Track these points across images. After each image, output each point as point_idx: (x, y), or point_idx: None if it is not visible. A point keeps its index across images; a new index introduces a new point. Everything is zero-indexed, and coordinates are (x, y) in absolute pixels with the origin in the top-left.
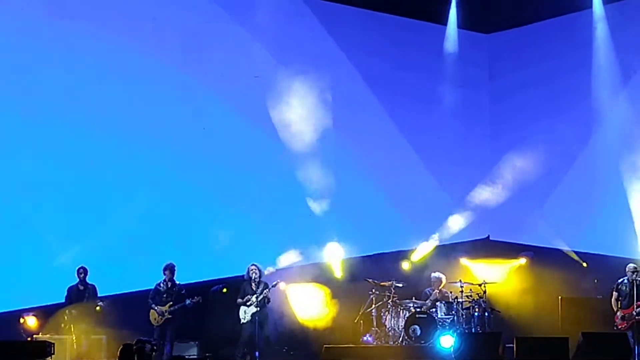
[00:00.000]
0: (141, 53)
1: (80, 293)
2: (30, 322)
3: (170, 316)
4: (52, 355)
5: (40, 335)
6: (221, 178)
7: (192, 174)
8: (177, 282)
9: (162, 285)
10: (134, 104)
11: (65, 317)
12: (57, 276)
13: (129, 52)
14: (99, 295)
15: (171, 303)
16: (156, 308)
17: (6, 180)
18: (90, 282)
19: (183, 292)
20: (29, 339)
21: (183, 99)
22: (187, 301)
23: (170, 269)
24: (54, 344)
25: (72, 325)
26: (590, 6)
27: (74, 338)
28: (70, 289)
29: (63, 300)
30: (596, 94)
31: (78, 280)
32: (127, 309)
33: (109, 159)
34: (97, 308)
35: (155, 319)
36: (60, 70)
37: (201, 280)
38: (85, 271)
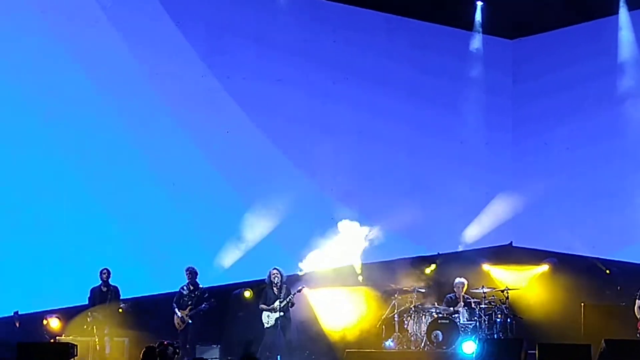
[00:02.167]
0: (161, 56)
1: (103, 295)
2: (54, 323)
3: (190, 320)
4: (75, 357)
5: (63, 337)
6: (243, 181)
7: (215, 178)
8: (201, 286)
9: (185, 288)
10: (156, 110)
11: (88, 319)
12: (80, 278)
13: (148, 59)
14: (121, 297)
15: (191, 307)
16: (178, 313)
17: (28, 183)
18: (113, 284)
19: (206, 295)
20: (52, 340)
21: (204, 103)
22: (203, 305)
23: (191, 272)
24: (77, 345)
25: (94, 327)
26: (616, 12)
27: (96, 340)
28: (93, 291)
29: (86, 302)
30: (621, 100)
31: (101, 281)
32: (149, 312)
33: (133, 162)
34: (119, 310)
35: (178, 323)
36: (82, 76)
37: (223, 283)
38: (108, 272)
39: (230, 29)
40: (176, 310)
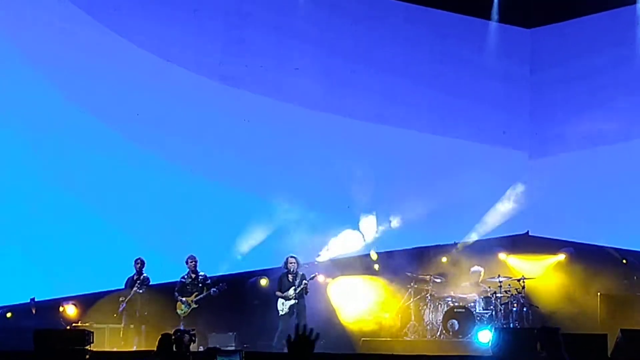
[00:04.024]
0: (179, 44)
1: (133, 283)
2: (70, 310)
3: (196, 306)
4: (92, 344)
5: (80, 324)
6: (260, 169)
7: (232, 165)
8: (202, 273)
9: (186, 277)
10: (174, 98)
11: (117, 305)
12: (97, 264)
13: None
14: (149, 285)
15: (197, 293)
16: (182, 299)
17: (45, 170)
18: (145, 274)
19: (208, 281)
20: (68, 327)
21: (221, 92)
22: (212, 290)
23: (192, 260)
24: (93, 332)
25: (120, 314)
26: (634, 2)
27: (120, 326)
28: (127, 280)
29: (102, 290)
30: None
31: (135, 271)
32: (168, 300)
33: (151, 150)
34: (136, 295)
35: (181, 310)
36: (99, 65)
37: (240, 271)
38: (142, 262)
39: (248, 17)
40: (180, 297)
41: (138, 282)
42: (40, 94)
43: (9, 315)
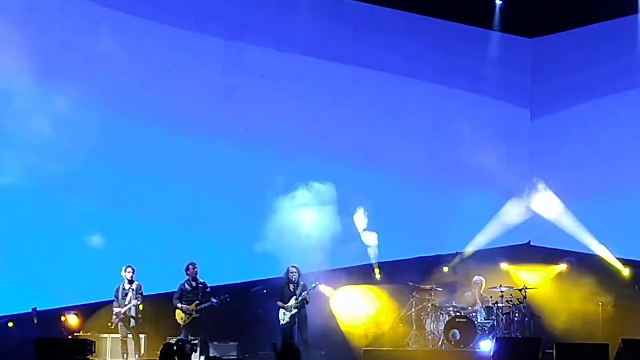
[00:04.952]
0: (180, 54)
1: (126, 292)
2: (71, 320)
3: (197, 315)
4: (93, 354)
5: (81, 333)
6: (262, 178)
7: (233, 175)
8: (201, 281)
9: (186, 285)
10: (174, 108)
11: (111, 316)
12: (98, 274)
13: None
14: (143, 294)
15: (197, 302)
16: (183, 307)
17: (46, 181)
18: (136, 281)
19: (208, 289)
20: (69, 337)
21: (222, 101)
22: (214, 300)
23: (193, 268)
24: (94, 342)
25: (116, 324)
26: (636, 11)
27: (119, 337)
28: (117, 288)
29: (104, 299)
30: None
31: (125, 279)
32: (168, 309)
33: (151, 160)
34: (139, 306)
35: (181, 318)
36: (98, 75)
37: (242, 281)
38: (132, 270)
39: (249, 27)
40: (180, 305)
41: (132, 290)
42: (42, 102)
43: (10, 324)
